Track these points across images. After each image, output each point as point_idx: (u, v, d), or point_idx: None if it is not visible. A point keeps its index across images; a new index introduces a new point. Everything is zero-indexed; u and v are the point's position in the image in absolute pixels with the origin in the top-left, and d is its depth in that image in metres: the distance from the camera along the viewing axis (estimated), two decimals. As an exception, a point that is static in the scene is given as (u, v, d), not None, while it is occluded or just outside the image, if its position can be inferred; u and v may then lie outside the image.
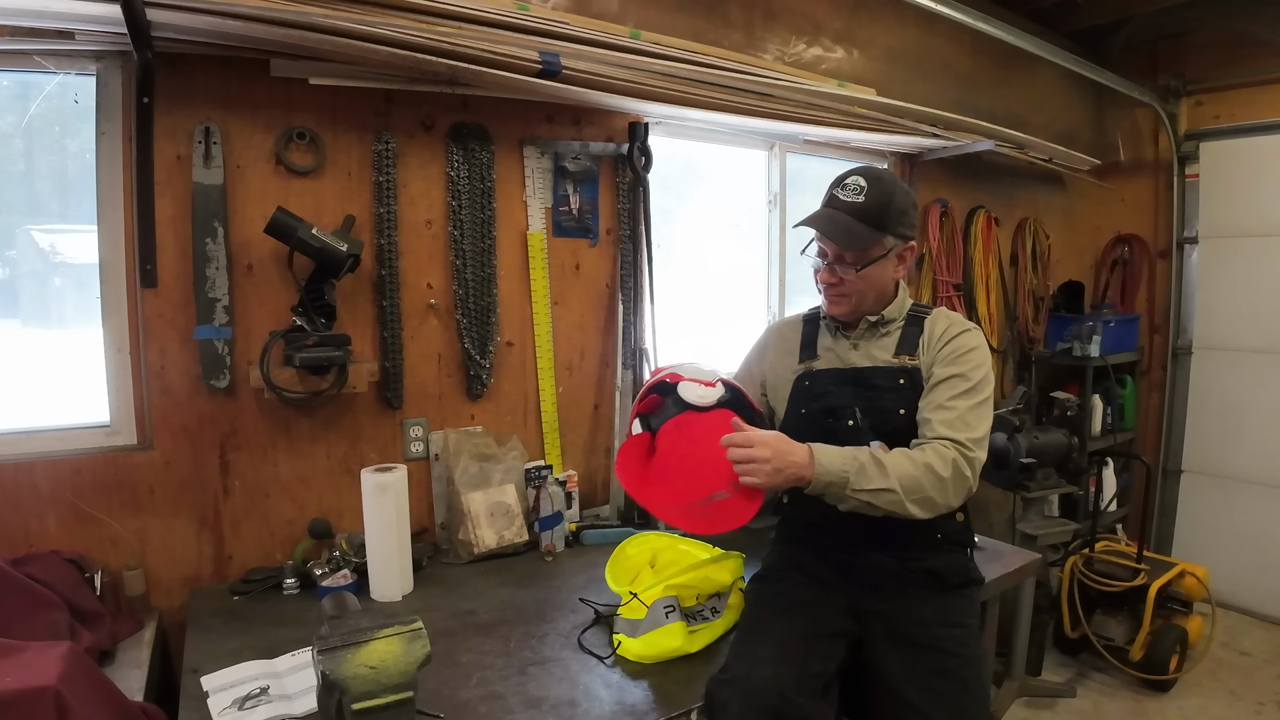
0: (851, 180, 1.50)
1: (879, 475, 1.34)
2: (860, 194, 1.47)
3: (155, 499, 1.77)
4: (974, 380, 1.46)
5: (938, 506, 1.38)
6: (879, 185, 1.48)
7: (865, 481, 1.34)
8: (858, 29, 2.95)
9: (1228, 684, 2.94)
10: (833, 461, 1.35)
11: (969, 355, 1.48)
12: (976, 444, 1.41)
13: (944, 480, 1.36)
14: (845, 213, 1.48)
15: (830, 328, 1.63)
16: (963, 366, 1.47)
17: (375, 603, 1.75)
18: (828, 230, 1.49)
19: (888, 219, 1.48)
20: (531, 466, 2.13)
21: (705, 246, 2.82)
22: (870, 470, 1.35)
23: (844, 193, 1.49)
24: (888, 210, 1.47)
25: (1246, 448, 3.71)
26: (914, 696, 1.37)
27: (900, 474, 1.35)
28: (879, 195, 1.47)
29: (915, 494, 1.35)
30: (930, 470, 1.36)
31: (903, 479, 1.34)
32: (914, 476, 1.35)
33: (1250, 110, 3.66)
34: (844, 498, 1.35)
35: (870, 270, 1.50)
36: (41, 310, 1.84)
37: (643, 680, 1.43)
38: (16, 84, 1.70)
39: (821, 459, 1.34)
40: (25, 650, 1.15)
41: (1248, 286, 3.70)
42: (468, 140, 2.08)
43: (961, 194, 3.43)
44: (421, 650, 1.10)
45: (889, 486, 1.34)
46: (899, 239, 1.52)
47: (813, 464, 1.34)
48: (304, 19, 1.61)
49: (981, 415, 1.45)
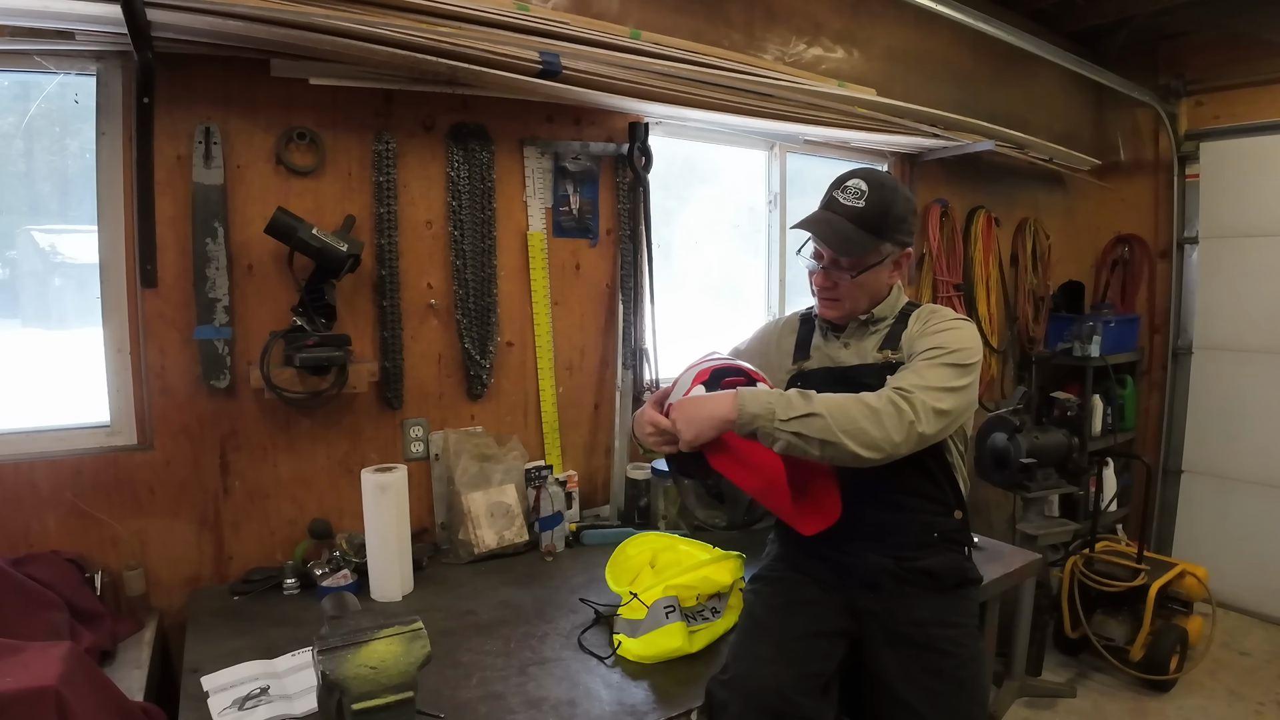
0: (852, 184, 1.47)
1: (803, 403, 1.29)
2: (860, 199, 1.44)
3: (155, 499, 1.77)
4: (947, 348, 1.40)
5: (876, 442, 1.29)
6: (880, 191, 1.45)
7: (790, 410, 1.29)
8: (858, 29, 2.96)
9: (1228, 684, 2.94)
10: (756, 398, 1.31)
11: (946, 332, 1.43)
12: (923, 390, 1.33)
13: (875, 411, 1.29)
14: (844, 217, 1.45)
15: (822, 327, 1.62)
16: (938, 340, 1.42)
17: (375, 603, 1.75)
18: (825, 235, 1.47)
19: (886, 226, 1.45)
20: (532, 466, 2.13)
21: (705, 247, 2.82)
22: (795, 400, 1.30)
23: (844, 196, 1.47)
24: (887, 217, 1.45)
25: (1247, 448, 3.71)
26: (910, 696, 1.37)
27: (827, 403, 1.30)
28: (879, 201, 1.45)
29: (846, 424, 1.28)
30: (861, 401, 1.31)
31: (830, 406, 1.29)
32: (842, 405, 1.29)
33: (1250, 110, 3.65)
34: (774, 434, 1.29)
35: (865, 277, 1.48)
36: (42, 310, 1.85)
37: (643, 680, 1.43)
38: (17, 84, 1.71)
39: (745, 396, 1.31)
40: (25, 650, 1.15)
41: (1248, 286, 3.70)
42: (468, 140, 2.08)
43: (962, 194, 3.43)
44: (422, 650, 1.10)
45: (814, 410, 1.28)
46: (896, 246, 1.49)
47: (736, 405, 1.31)
48: (304, 19, 1.61)
49: (942, 374, 1.37)
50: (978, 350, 1.43)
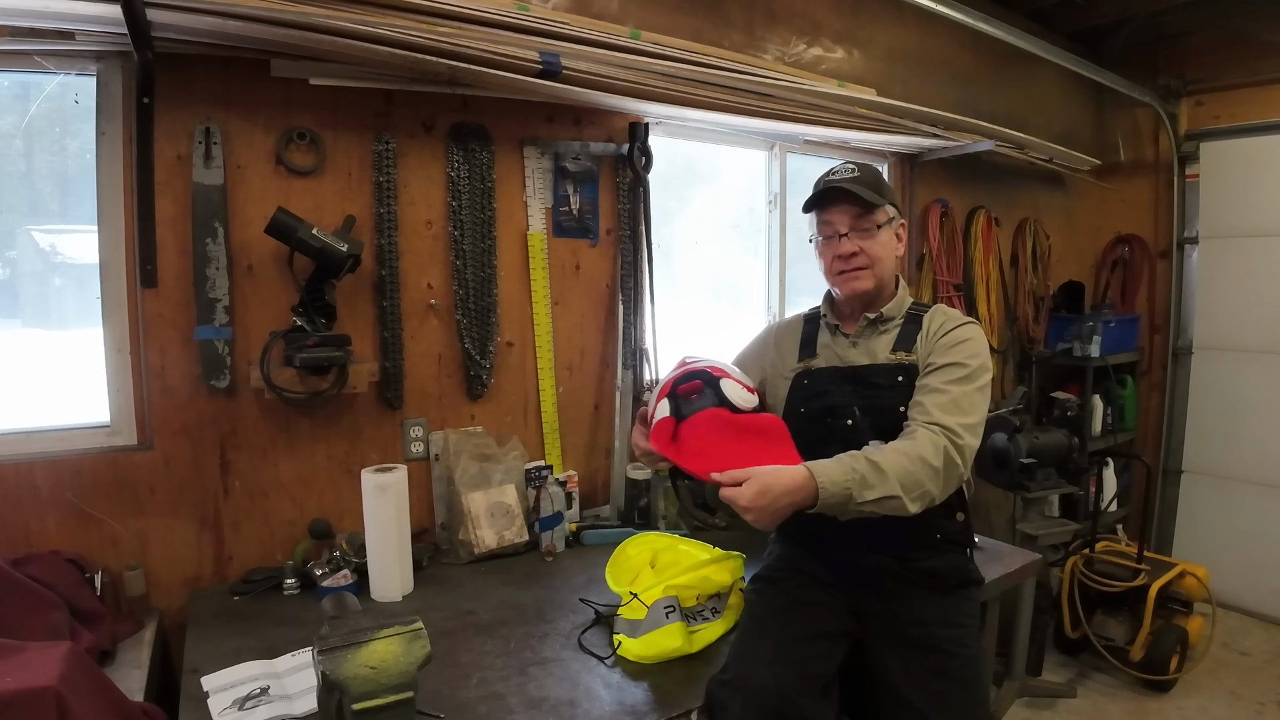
0: (839, 165, 1.58)
1: (880, 482, 1.29)
2: (854, 171, 1.55)
3: (155, 499, 1.77)
4: (970, 367, 1.44)
5: (934, 499, 1.35)
6: (866, 167, 1.57)
7: (868, 493, 1.29)
8: (858, 29, 2.96)
9: (1228, 684, 2.94)
10: (834, 480, 1.28)
11: (965, 344, 1.47)
12: (968, 430, 1.38)
13: (937, 471, 1.33)
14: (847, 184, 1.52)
15: (829, 326, 1.63)
16: (958, 355, 1.45)
17: (375, 603, 1.75)
18: (840, 189, 1.51)
19: (883, 191, 1.55)
20: (532, 467, 2.13)
21: (705, 247, 2.82)
22: (871, 479, 1.29)
23: (839, 172, 1.56)
24: (881, 183, 1.56)
25: (1247, 448, 3.71)
26: (913, 697, 1.37)
27: (899, 474, 1.31)
28: (870, 172, 1.56)
29: (914, 490, 1.31)
30: (924, 463, 1.33)
31: (902, 479, 1.31)
32: (911, 473, 1.32)
33: (1250, 110, 3.65)
34: (848, 513, 1.31)
35: (882, 237, 1.54)
36: (42, 310, 1.85)
37: (643, 680, 1.43)
38: (17, 84, 1.71)
39: (824, 481, 1.28)
40: (25, 650, 1.15)
41: (1248, 287, 3.70)
42: (468, 140, 2.08)
43: (962, 194, 3.43)
44: (422, 650, 1.10)
45: (892, 493, 1.29)
46: (895, 210, 1.58)
47: (815, 489, 1.28)
48: (304, 19, 1.61)
49: (975, 402, 1.42)
50: (989, 361, 1.50)
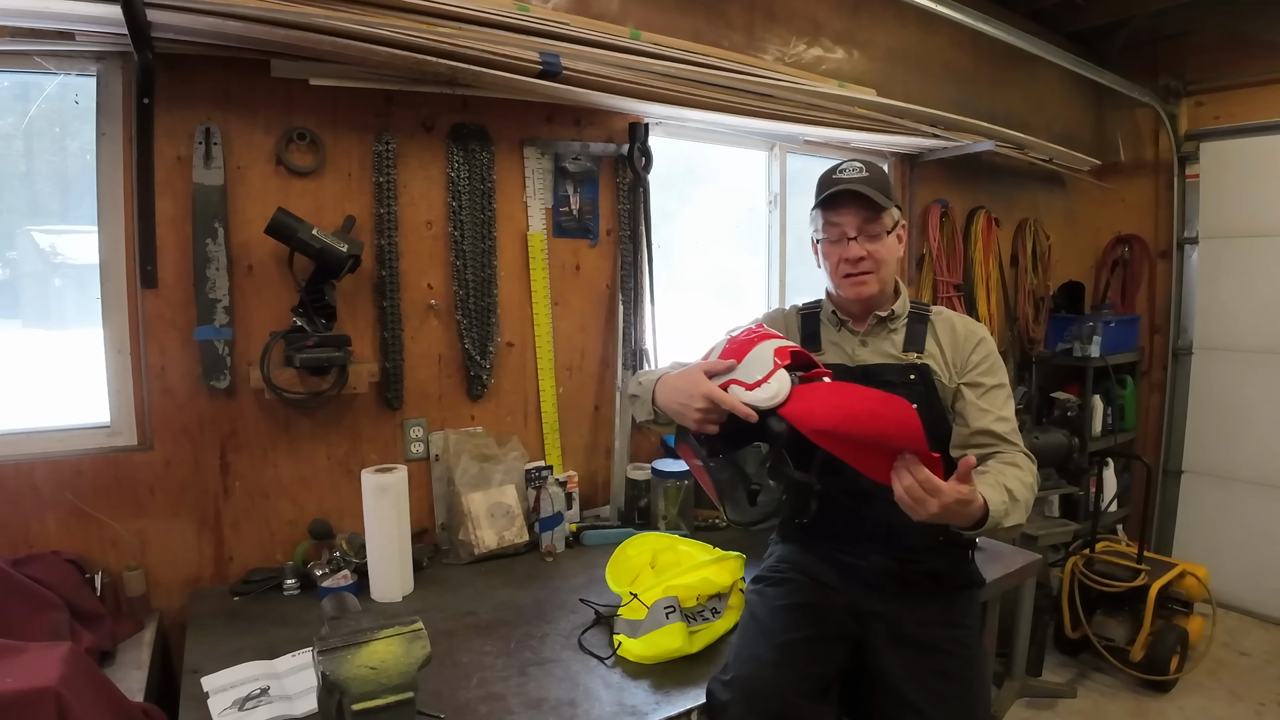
0: (846, 164, 1.54)
1: (1016, 512, 1.32)
2: (861, 171, 1.51)
3: (155, 500, 1.77)
4: (1004, 381, 1.52)
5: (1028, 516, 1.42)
6: (872, 166, 1.54)
7: (1008, 520, 1.30)
8: (858, 30, 2.96)
9: (1228, 684, 2.94)
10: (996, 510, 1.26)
11: (999, 362, 1.54)
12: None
13: (1032, 487, 1.40)
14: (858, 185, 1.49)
15: (834, 322, 1.61)
16: (1002, 375, 1.52)
17: (375, 603, 1.75)
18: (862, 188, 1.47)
19: (890, 192, 1.53)
20: (532, 467, 2.13)
21: (705, 247, 2.82)
22: (1012, 510, 1.30)
23: (846, 173, 1.52)
24: (887, 184, 1.54)
25: (1247, 448, 3.71)
26: (916, 698, 1.37)
27: (1026, 503, 1.36)
28: (877, 171, 1.54)
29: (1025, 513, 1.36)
30: (1031, 490, 1.39)
31: (1027, 506, 1.36)
32: (1028, 502, 1.37)
33: (1251, 110, 3.65)
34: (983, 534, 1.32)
35: (889, 241, 1.53)
36: (42, 311, 1.85)
37: (643, 681, 1.43)
38: (17, 85, 1.71)
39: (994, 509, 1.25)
40: (25, 651, 1.14)
41: (1248, 287, 3.70)
42: (468, 141, 2.08)
43: (962, 194, 3.43)
44: (422, 651, 1.10)
45: (1019, 521, 1.33)
46: (899, 212, 1.56)
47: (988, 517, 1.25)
48: (304, 20, 1.61)
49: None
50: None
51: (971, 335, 1.53)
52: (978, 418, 1.46)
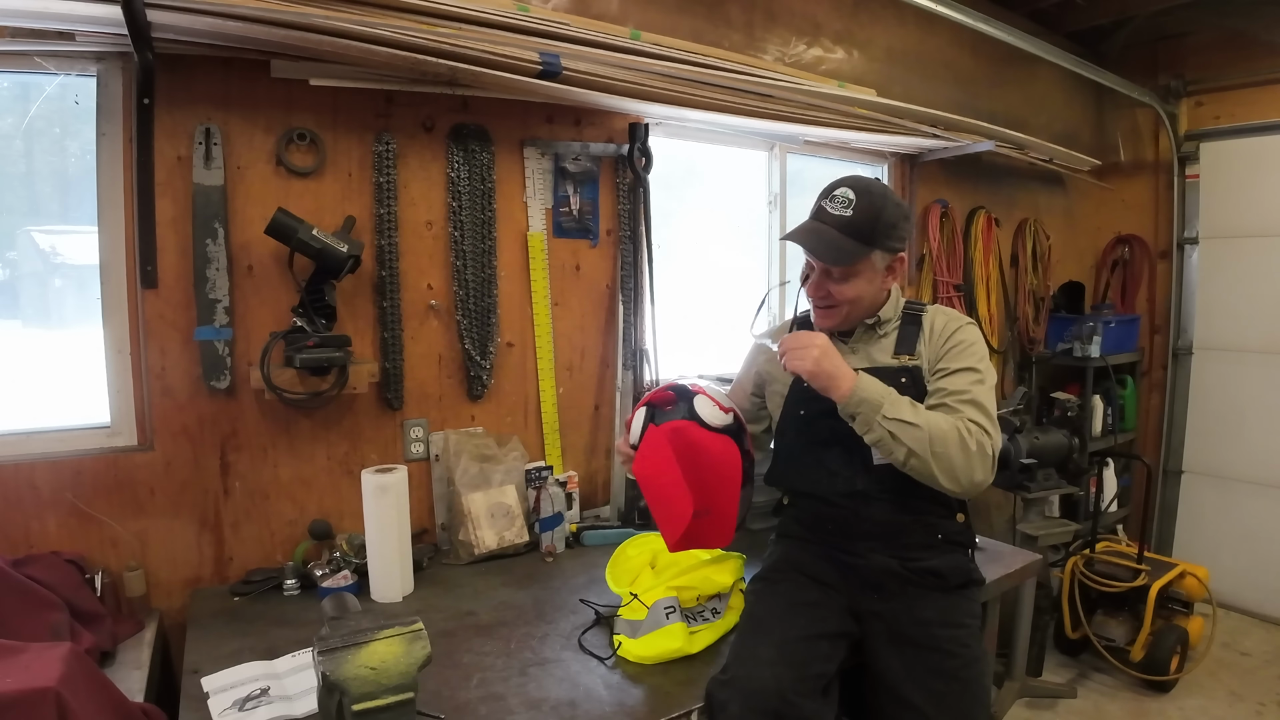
0: (840, 192, 1.46)
1: (911, 411, 1.36)
2: (848, 207, 1.44)
3: (156, 500, 1.77)
4: (982, 372, 1.46)
5: (955, 475, 1.35)
6: (868, 198, 1.45)
7: (898, 411, 1.35)
8: (858, 30, 2.96)
9: (1228, 685, 2.94)
10: (874, 385, 1.37)
11: (974, 348, 1.49)
12: (995, 429, 1.41)
13: (969, 452, 1.35)
14: (833, 227, 1.45)
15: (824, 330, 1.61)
16: (971, 360, 1.47)
17: (376, 603, 1.75)
18: (813, 246, 1.46)
19: (876, 233, 1.45)
20: (532, 467, 2.13)
21: (705, 247, 2.82)
22: (904, 404, 1.36)
23: (832, 205, 1.46)
24: (877, 224, 1.44)
25: (1247, 448, 3.71)
26: (915, 697, 1.37)
27: (930, 420, 1.36)
28: (867, 208, 1.44)
29: (939, 446, 1.34)
30: (959, 433, 1.36)
31: (931, 425, 1.35)
32: (943, 430, 1.35)
33: (1250, 110, 3.65)
34: (872, 424, 1.35)
35: (859, 284, 1.48)
36: (42, 311, 1.85)
37: (643, 681, 1.43)
38: (17, 85, 1.71)
39: (864, 379, 1.38)
40: (25, 651, 1.15)
41: (1248, 287, 3.70)
42: (468, 141, 2.08)
43: (962, 194, 3.43)
44: (422, 651, 1.10)
45: (917, 422, 1.34)
46: (888, 253, 1.49)
47: (855, 379, 1.37)
48: (304, 20, 1.61)
49: (993, 403, 1.46)
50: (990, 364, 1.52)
51: (949, 325, 1.52)
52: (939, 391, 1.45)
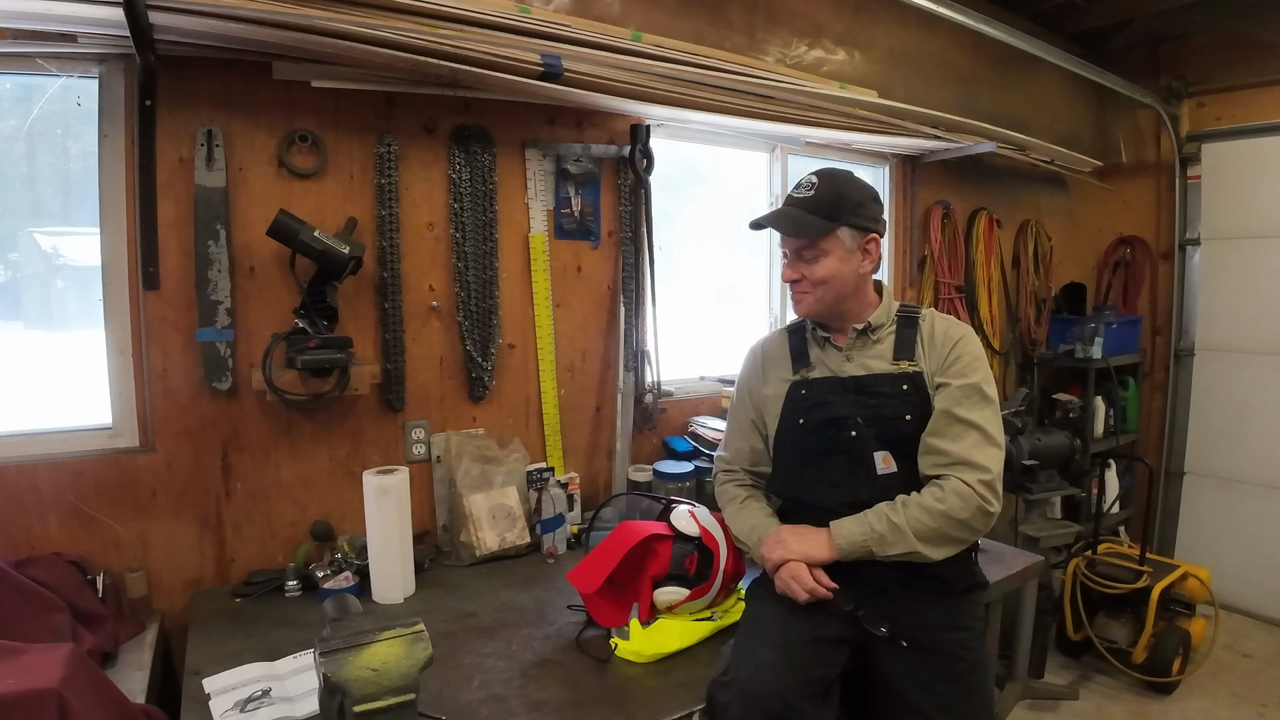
0: (804, 179, 1.54)
1: (899, 540, 1.41)
2: (810, 190, 1.51)
3: (157, 501, 1.77)
4: (987, 392, 1.48)
5: (964, 543, 1.45)
6: (829, 180, 1.52)
7: (887, 549, 1.42)
8: (859, 31, 2.96)
9: (1230, 686, 2.93)
10: (851, 539, 1.44)
11: (975, 362, 1.50)
12: (996, 461, 1.44)
13: (964, 522, 1.41)
14: (796, 207, 1.52)
15: (818, 340, 1.60)
16: (973, 376, 1.48)
17: (377, 605, 1.75)
18: (775, 222, 1.54)
19: (840, 210, 1.48)
20: (533, 469, 2.13)
21: (707, 249, 2.82)
22: (889, 538, 1.41)
23: (797, 191, 1.54)
24: (839, 201, 1.49)
25: (1249, 449, 3.70)
26: (919, 700, 1.37)
27: (919, 531, 1.40)
28: (829, 188, 1.50)
29: (937, 541, 1.41)
30: (948, 517, 1.40)
31: (920, 535, 1.40)
32: (932, 529, 1.40)
33: (1252, 111, 3.65)
34: (875, 560, 1.43)
35: (829, 262, 1.50)
36: (44, 312, 1.85)
37: (644, 683, 1.43)
38: (19, 86, 1.71)
39: (840, 542, 1.44)
40: (27, 652, 1.15)
41: (1250, 288, 3.69)
42: (469, 143, 2.08)
43: (963, 196, 3.43)
44: (423, 652, 1.10)
45: (911, 550, 1.40)
46: (856, 230, 1.50)
47: (830, 533, 1.45)
48: (306, 22, 1.61)
49: (998, 425, 1.48)
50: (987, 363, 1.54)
51: (949, 334, 1.52)
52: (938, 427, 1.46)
